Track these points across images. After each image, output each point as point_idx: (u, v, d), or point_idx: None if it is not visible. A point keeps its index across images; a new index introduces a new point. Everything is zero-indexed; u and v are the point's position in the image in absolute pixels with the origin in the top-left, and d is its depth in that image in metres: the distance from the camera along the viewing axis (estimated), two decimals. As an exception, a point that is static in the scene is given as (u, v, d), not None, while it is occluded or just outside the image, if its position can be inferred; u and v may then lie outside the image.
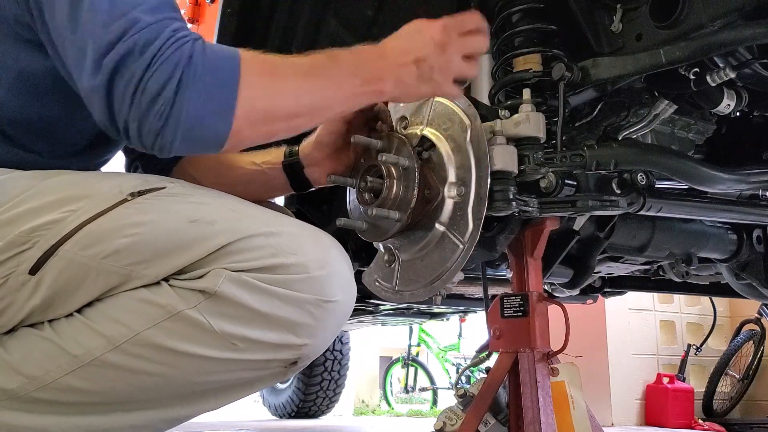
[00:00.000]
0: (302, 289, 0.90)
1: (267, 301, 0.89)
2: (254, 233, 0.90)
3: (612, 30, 1.19)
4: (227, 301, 0.88)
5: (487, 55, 1.33)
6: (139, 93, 0.85)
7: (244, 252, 0.89)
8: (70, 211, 0.89)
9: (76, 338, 0.89)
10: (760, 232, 1.74)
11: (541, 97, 1.23)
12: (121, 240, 0.88)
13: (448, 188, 1.15)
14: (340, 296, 0.94)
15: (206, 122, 0.88)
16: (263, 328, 0.90)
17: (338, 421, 4.99)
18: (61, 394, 0.89)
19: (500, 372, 1.23)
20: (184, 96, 0.86)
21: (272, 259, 0.89)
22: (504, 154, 1.14)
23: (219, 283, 0.87)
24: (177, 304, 0.88)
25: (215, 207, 0.93)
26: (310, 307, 0.91)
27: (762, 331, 4.46)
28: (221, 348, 0.89)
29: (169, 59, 0.85)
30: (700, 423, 4.16)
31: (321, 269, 0.92)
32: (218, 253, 0.88)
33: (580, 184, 1.23)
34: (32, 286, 0.89)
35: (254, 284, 0.88)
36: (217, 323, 0.88)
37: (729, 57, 1.14)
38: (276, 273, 0.89)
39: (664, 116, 1.31)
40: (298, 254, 0.91)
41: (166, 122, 0.86)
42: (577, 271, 1.61)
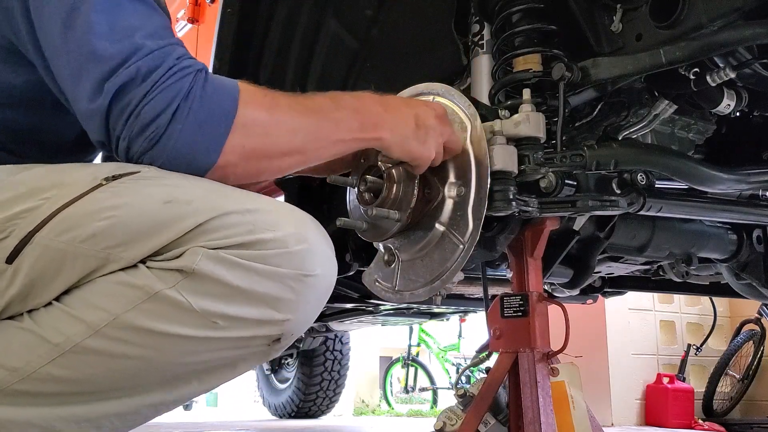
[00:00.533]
0: (281, 264, 0.89)
1: (246, 277, 0.88)
2: (230, 210, 0.89)
3: (612, 30, 1.19)
4: (206, 278, 0.87)
5: (487, 55, 1.33)
6: (133, 117, 0.89)
7: (220, 229, 0.88)
8: (45, 199, 0.89)
9: (56, 326, 0.88)
10: (760, 232, 1.74)
11: (541, 97, 1.23)
12: (97, 223, 0.87)
13: (448, 188, 1.15)
14: (320, 270, 0.93)
15: (192, 154, 0.91)
16: (243, 304, 0.89)
17: (338, 421, 4.99)
18: (42, 384, 0.87)
19: (500, 372, 1.23)
20: (176, 128, 0.89)
21: (250, 236, 0.88)
22: (504, 154, 1.15)
23: (197, 261, 0.86)
24: (155, 285, 0.87)
25: (190, 188, 0.92)
26: (290, 281, 0.90)
27: (762, 331, 4.46)
28: (202, 327, 0.88)
29: (168, 89, 0.89)
30: (700, 423, 4.16)
31: (299, 244, 0.91)
32: (195, 232, 0.87)
33: (580, 184, 1.23)
34: (9, 276, 0.88)
35: (232, 260, 0.87)
36: (196, 302, 0.87)
37: (729, 57, 1.14)
38: (254, 249, 0.88)
39: (664, 116, 1.31)
40: (275, 230, 0.90)
41: (154, 147, 0.90)
42: (577, 271, 1.61)
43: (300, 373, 4.36)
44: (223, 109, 0.92)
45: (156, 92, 0.88)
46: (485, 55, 1.33)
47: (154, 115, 0.88)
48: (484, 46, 1.33)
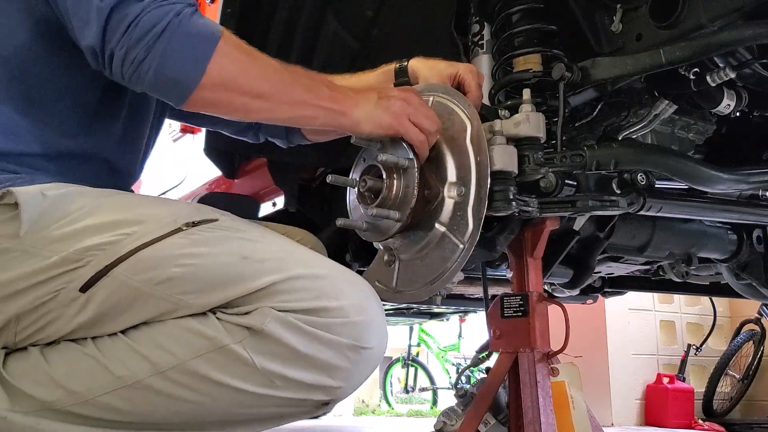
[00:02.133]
0: (341, 333, 0.94)
1: (308, 343, 0.92)
2: (300, 275, 0.94)
3: (612, 30, 1.19)
4: (271, 339, 0.91)
5: (487, 55, 1.33)
6: (132, 26, 0.95)
7: (289, 293, 0.92)
8: (125, 234, 0.93)
9: (121, 359, 0.92)
10: (760, 232, 1.74)
11: (541, 97, 1.23)
12: (175, 269, 0.91)
13: (448, 188, 1.15)
14: (375, 343, 0.98)
15: (181, 64, 0.97)
16: (302, 368, 0.93)
17: (338, 421, 4.99)
18: (98, 411, 0.91)
19: (500, 372, 1.23)
20: (169, 36, 0.96)
21: (316, 302, 0.93)
22: (504, 154, 1.14)
23: (266, 322, 0.91)
24: (223, 338, 0.91)
25: (265, 245, 0.97)
26: (347, 351, 0.95)
27: (762, 331, 4.46)
28: (260, 384, 0.92)
29: (163, 7, 0.97)
30: (700, 423, 4.16)
31: (359, 315, 0.96)
32: (266, 291, 0.92)
33: (580, 184, 1.23)
34: (81, 304, 0.92)
35: (298, 325, 0.92)
36: (259, 360, 0.91)
37: (729, 57, 1.14)
38: (318, 315, 0.93)
39: (664, 116, 1.31)
40: (339, 299, 0.95)
41: (148, 54, 0.95)
42: (577, 271, 1.61)
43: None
44: (208, 32, 0.99)
45: (153, 8, 0.96)
46: (485, 55, 1.33)
47: (150, 25, 0.95)
48: (484, 46, 1.34)
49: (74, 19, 1.01)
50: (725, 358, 4.42)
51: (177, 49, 0.97)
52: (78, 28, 1.00)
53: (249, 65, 1.03)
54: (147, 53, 0.95)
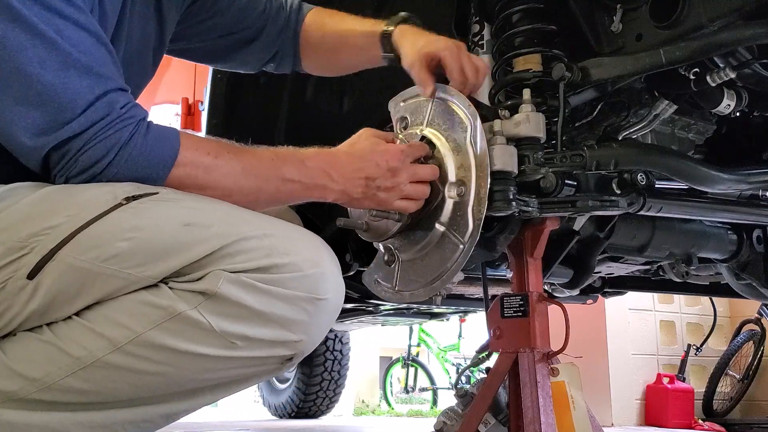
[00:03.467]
0: (296, 287, 0.93)
1: (264, 300, 0.92)
2: (249, 235, 0.93)
3: (612, 30, 1.19)
4: (227, 301, 0.90)
5: (488, 55, 1.33)
6: (71, 162, 0.94)
7: (240, 254, 0.91)
8: (67, 217, 0.91)
9: (77, 340, 0.90)
10: (760, 232, 1.74)
11: (541, 97, 1.23)
12: (120, 243, 0.90)
13: (448, 188, 1.15)
14: (331, 294, 0.97)
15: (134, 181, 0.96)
16: (261, 326, 0.93)
17: (338, 421, 4.99)
18: (62, 394, 0.90)
19: (500, 372, 1.23)
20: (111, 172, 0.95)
21: (267, 259, 0.92)
22: (504, 154, 1.14)
23: (219, 284, 0.90)
24: (178, 305, 0.90)
25: (210, 211, 0.96)
26: (304, 304, 0.94)
27: (762, 331, 4.46)
28: (221, 346, 0.92)
29: (108, 139, 0.94)
30: (700, 423, 4.16)
31: (313, 268, 0.95)
32: (214, 255, 0.91)
33: (580, 184, 1.23)
34: (30, 291, 0.90)
35: (252, 284, 0.91)
36: (217, 323, 0.90)
37: (729, 57, 1.14)
38: (271, 272, 0.92)
39: (664, 116, 1.31)
40: (291, 254, 0.94)
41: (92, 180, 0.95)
42: (577, 271, 1.61)
43: (300, 373, 4.35)
44: (162, 156, 0.97)
45: (95, 142, 0.93)
46: (485, 56, 1.33)
47: (90, 163, 0.94)
48: (484, 46, 1.34)
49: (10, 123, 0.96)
50: (725, 358, 4.42)
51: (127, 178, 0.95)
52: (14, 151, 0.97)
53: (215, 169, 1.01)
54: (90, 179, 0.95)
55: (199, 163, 1.00)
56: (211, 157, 1.01)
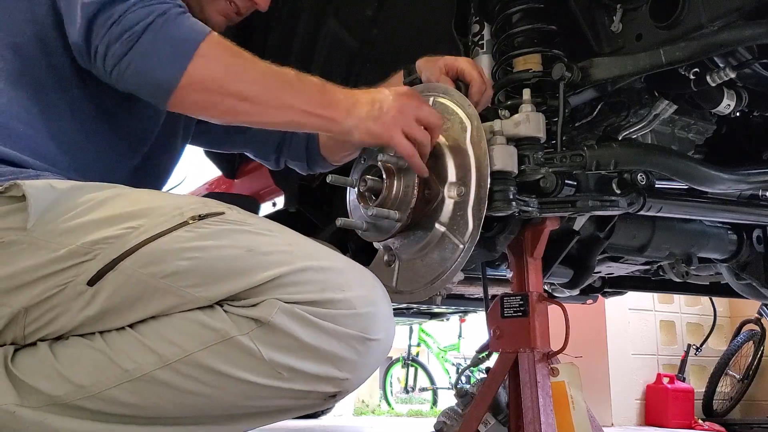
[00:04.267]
0: (348, 325, 0.94)
1: (315, 334, 0.92)
2: (307, 267, 0.93)
3: (612, 30, 1.19)
4: (278, 331, 0.91)
5: (487, 55, 1.33)
6: (115, 24, 0.99)
7: (296, 285, 0.92)
8: (132, 228, 0.93)
9: (128, 353, 0.91)
10: (760, 232, 1.74)
11: (541, 97, 1.23)
12: (181, 262, 0.91)
13: (448, 188, 1.15)
14: (383, 335, 0.98)
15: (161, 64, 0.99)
16: (309, 359, 0.93)
17: (338, 421, 4.99)
18: (106, 405, 0.91)
19: (500, 372, 1.23)
20: (148, 36, 0.98)
21: (322, 294, 0.93)
22: (504, 154, 1.14)
23: (273, 313, 0.90)
24: (230, 330, 0.91)
25: (271, 238, 0.97)
26: (354, 342, 0.94)
27: (762, 331, 4.46)
28: (267, 375, 0.92)
29: (148, 7, 1.00)
30: (700, 423, 4.16)
31: (367, 307, 0.96)
32: (272, 283, 0.91)
33: (580, 184, 1.23)
34: (88, 297, 0.92)
35: (305, 317, 0.91)
36: (266, 351, 0.91)
37: (729, 57, 1.14)
38: (325, 307, 0.93)
39: (664, 116, 1.31)
40: (346, 290, 0.94)
41: (128, 51, 0.98)
42: (577, 271, 1.61)
43: (300, 373, 4.35)
44: (192, 33, 1.02)
45: (138, 7, 0.99)
46: (485, 55, 1.33)
47: (132, 23, 0.98)
48: (484, 46, 1.34)
49: (65, 16, 1.03)
50: (725, 358, 4.42)
51: (158, 48, 0.99)
52: (67, 25, 1.03)
53: (234, 67, 1.03)
54: (127, 50, 0.98)
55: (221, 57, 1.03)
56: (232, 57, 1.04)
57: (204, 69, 1.00)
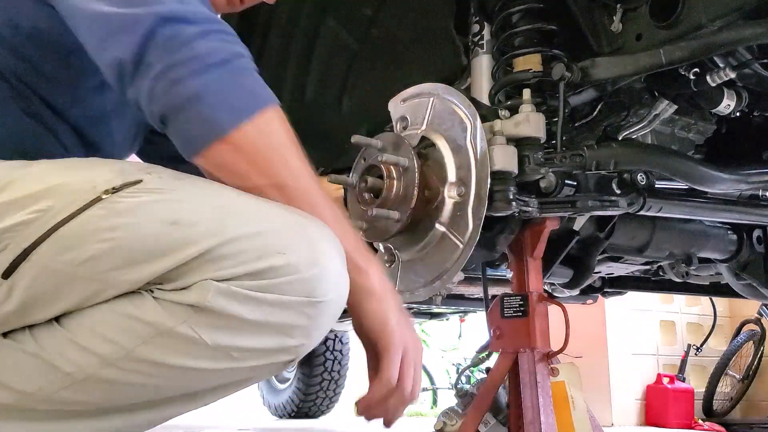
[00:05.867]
0: (293, 292, 0.86)
1: (259, 309, 0.85)
2: (239, 235, 0.84)
3: (612, 30, 1.19)
4: (218, 314, 0.83)
5: (487, 55, 1.33)
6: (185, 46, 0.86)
7: (229, 257, 0.83)
8: (41, 211, 0.84)
9: (65, 354, 0.85)
10: (760, 232, 1.74)
11: (541, 97, 1.23)
12: (96, 245, 0.83)
13: (448, 188, 1.15)
14: (332, 294, 0.89)
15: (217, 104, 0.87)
16: (258, 335, 0.86)
17: (338, 421, 4.99)
18: (57, 404, 0.87)
19: (500, 372, 1.23)
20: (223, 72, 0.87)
21: (260, 262, 0.84)
22: (504, 154, 1.14)
23: (208, 298, 0.82)
24: (165, 321, 0.83)
25: (197, 205, 0.87)
26: (303, 308, 0.87)
27: (762, 331, 4.46)
28: (217, 359, 0.86)
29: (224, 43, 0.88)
30: (700, 423, 4.16)
31: (311, 268, 0.86)
32: (202, 259, 0.83)
33: (580, 184, 1.23)
34: (5, 291, 0.85)
35: (244, 294, 0.84)
36: (209, 337, 0.84)
37: (729, 57, 1.14)
38: (265, 278, 0.84)
39: (664, 116, 1.31)
40: (287, 252, 0.85)
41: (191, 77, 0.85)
42: (577, 271, 1.61)
43: (300, 373, 4.36)
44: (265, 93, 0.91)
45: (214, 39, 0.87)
46: (485, 55, 1.33)
47: (205, 52, 0.86)
48: (484, 46, 1.33)
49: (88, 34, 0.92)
50: (725, 358, 4.42)
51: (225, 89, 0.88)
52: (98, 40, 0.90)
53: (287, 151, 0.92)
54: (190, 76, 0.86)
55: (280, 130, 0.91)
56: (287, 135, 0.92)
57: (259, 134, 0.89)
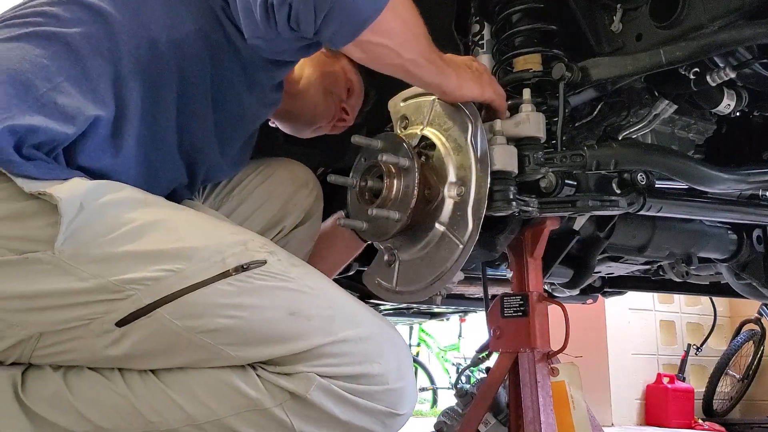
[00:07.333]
0: (381, 401, 0.94)
1: (349, 411, 0.92)
2: (347, 338, 0.93)
3: (612, 30, 1.19)
4: (313, 406, 0.90)
5: (487, 55, 1.33)
6: None
7: (335, 356, 0.91)
8: (171, 272, 0.88)
9: (153, 404, 0.89)
10: (760, 232, 1.74)
11: (542, 97, 1.23)
12: (221, 320, 0.89)
13: (448, 188, 1.15)
14: (408, 409, 0.99)
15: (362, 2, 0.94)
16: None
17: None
18: None
19: (500, 372, 1.23)
20: None
21: (359, 367, 0.92)
22: (504, 154, 1.14)
23: (310, 390, 0.89)
24: (264, 400, 0.89)
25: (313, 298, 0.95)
26: (383, 417, 0.95)
27: (762, 331, 4.46)
28: None
29: None
30: (700, 423, 4.16)
31: (399, 381, 0.96)
32: (311, 353, 0.90)
33: (580, 184, 1.22)
34: (115, 337, 0.88)
35: (341, 395, 0.91)
36: (298, 424, 0.91)
37: (729, 57, 1.14)
38: (361, 383, 0.92)
39: (664, 116, 1.31)
40: (381, 363, 0.94)
41: None
42: (577, 271, 1.61)
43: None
44: None
45: None
46: (485, 55, 1.33)
47: None
48: (484, 46, 1.33)
49: None
50: (725, 358, 4.43)
51: None
52: None
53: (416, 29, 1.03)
54: None
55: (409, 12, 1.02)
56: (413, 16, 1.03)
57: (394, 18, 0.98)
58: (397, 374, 0.96)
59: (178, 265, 0.89)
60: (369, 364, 0.93)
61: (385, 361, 0.95)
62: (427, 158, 1.18)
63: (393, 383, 0.95)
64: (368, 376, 0.93)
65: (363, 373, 0.93)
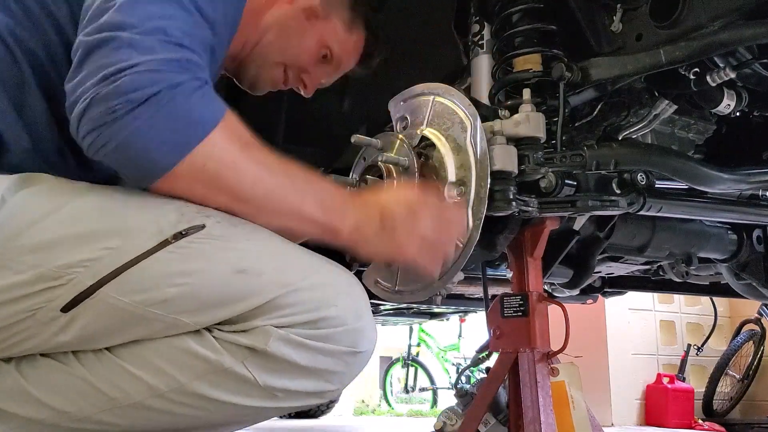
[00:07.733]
0: (340, 341, 0.94)
1: (310, 356, 0.93)
2: (299, 287, 0.92)
3: (612, 30, 1.19)
4: (274, 357, 0.90)
5: (487, 55, 1.33)
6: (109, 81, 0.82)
7: (290, 306, 0.91)
8: (108, 249, 0.86)
9: (112, 380, 0.89)
10: (760, 232, 1.74)
11: (541, 97, 1.23)
12: (169, 290, 0.87)
13: (448, 188, 1.15)
14: (369, 346, 0.99)
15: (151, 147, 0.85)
16: (303, 379, 0.94)
17: (338, 421, 4.99)
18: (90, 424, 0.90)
19: (500, 372, 1.23)
20: (149, 109, 0.83)
21: (316, 313, 0.92)
22: (504, 154, 1.14)
23: (268, 342, 0.89)
24: (224, 360, 0.89)
25: (259, 254, 0.93)
26: (345, 357, 0.95)
27: (762, 331, 4.46)
28: (262, 398, 0.93)
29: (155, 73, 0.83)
30: (700, 423, 4.16)
31: (357, 321, 0.96)
32: (265, 307, 0.90)
33: (580, 184, 1.22)
34: (63, 323, 0.87)
35: (300, 342, 0.91)
36: (262, 377, 0.91)
37: (729, 57, 1.14)
38: (319, 327, 0.92)
39: (664, 116, 1.31)
40: (337, 305, 0.94)
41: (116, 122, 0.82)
42: (577, 271, 1.61)
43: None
44: (207, 115, 0.88)
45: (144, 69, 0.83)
46: (485, 55, 1.33)
47: (130, 89, 0.82)
48: (484, 46, 1.33)
49: None
50: (725, 358, 4.43)
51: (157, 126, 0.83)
52: None
53: (240, 164, 0.90)
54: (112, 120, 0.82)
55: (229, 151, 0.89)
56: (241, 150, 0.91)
57: (206, 161, 0.87)
58: (355, 314, 0.96)
59: (114, 241, 0.86)
60: (326, 309, 0.93)
61: (342, 303, 0.94)
62: (427, 158, 1.18)
63: (351, 323, 0.95)
64: (326, 319, 0.92)
65: (320, 317, 0.92)
